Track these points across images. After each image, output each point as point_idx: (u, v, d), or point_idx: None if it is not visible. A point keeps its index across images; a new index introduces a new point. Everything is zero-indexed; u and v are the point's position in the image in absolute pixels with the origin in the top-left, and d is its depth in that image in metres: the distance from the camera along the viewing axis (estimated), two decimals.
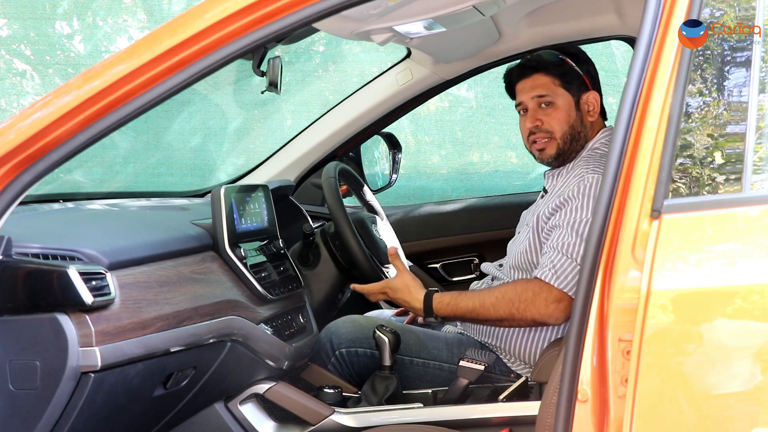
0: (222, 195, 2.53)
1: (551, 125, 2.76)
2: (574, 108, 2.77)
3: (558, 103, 2.76)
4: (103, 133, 1.87)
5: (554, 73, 2.78)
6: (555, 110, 2.76)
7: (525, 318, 2.60)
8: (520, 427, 2.50)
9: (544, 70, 2.78)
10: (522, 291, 2.60)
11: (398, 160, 3.67)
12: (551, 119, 2.76)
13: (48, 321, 1.99)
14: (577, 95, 2.78)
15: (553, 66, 2.78)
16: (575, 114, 2.77)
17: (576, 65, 2.79)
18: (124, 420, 2.28)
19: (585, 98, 2.78)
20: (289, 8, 1.80)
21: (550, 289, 2.56)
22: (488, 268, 2.96)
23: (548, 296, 2.56)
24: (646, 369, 1.56)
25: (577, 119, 2.77)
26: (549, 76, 2.78)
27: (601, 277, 1.62)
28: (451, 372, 2.75)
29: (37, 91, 5.12)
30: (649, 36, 1.65)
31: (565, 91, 2.77)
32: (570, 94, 2.78)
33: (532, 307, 2.57)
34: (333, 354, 2.86)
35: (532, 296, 2.58)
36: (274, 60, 2.23)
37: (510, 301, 2.61)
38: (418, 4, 2.31)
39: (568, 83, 2.77)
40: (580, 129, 2.78)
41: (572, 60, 2.79)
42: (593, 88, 2.80)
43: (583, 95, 2.79)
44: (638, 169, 1.63)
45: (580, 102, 2.78)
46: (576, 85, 2.78)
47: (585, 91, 2.79)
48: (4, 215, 1.88)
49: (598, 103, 2.80)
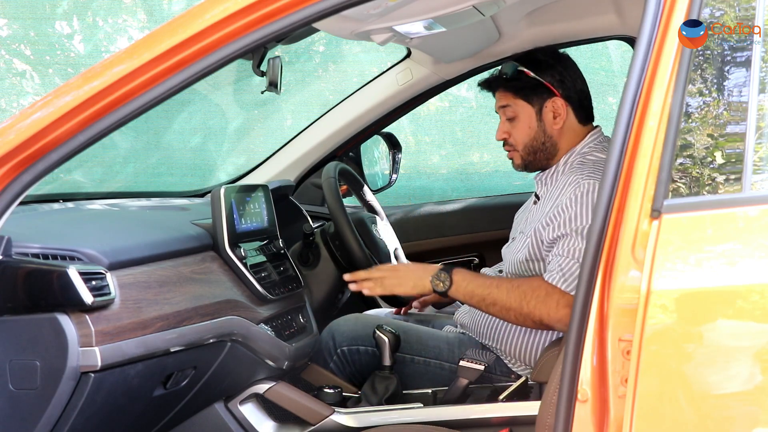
0: (222, 195, 2.53)
1: (515, 139, 2.82)
2: (535, 119, 2.78)
3: (519, 116, 2.80)
4: (103, 133, 1.87)
5: (510, 87, 2.80)
6: (517, 123, 2.80)
7: (533, 315, 2.55)
8: (520, 427, 2.50)
9: (503, 85, 2.81)
10: (537, 287, 2.56)
11: (398, 160, 3.67)
12: (515, 132, 2.81)
13: (48, 321, 1.99)
14: (540, 103, 2.78)
15: (509, 80, 2.79)
16: (537, 124, 2.78)
17: (538, 73, 2.77)
18: (124, 420, 2.28)
19: (548, 106, 2.77)
20: (289, 8, 1.80)
21: (562, 293, 2.53)
22: (488, 273, 2.95)
23: (560, 299, 2.52)
24: (646, 369, 1.56)
25: (539, 130, 2.78)
26: (507, 91, 2.81)
27: (601, 277, 1.62)
28: (451, 371, 2.75)
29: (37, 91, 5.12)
30: (649, 36, 1.65)
31: (525, 102, 2.79)
32: (530, 104, 2.78)
33: (542, 305, 2.53)
34: (335, 352, 2.86)
35: (545, 295, 2.53)
36: (274, 60, 2.23)
37: (522, 293, 2.56)
38: (418, 4, 2.31)
39: (526, 96, 2.78)
40: (544, 139, 2.79)
41: (535, 68, 2.78)
42: (562, 93, 2.77)
43: (547, 102, 2.77)
44: (638, 169, 1.63)
45: (543, 111, 2.78)
46: (537, 95, 2.77)
47: (549, 97, 2.77)
48: (4, 215, 1.88)
49: (564, 107, 2.77)
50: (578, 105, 2.80)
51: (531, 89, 2.78)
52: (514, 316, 2.58)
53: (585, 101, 2.83)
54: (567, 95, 2.78)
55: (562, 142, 2.79)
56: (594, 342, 1.61)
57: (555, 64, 2.81)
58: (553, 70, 2.80)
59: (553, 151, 2.80)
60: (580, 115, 2.81)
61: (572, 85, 2.80)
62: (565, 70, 2.81)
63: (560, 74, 2.80)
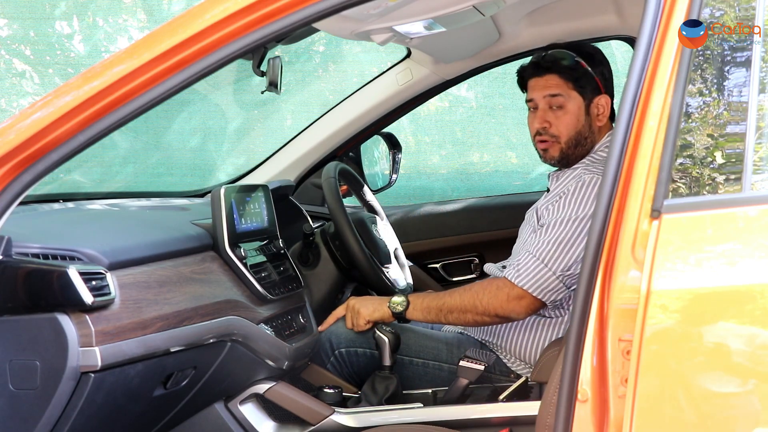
0: (222, 195, 2.53)
1: (558, 129, 2.75)
2: (583, 112, 2.75)
3: (568, 106, 2.74)
4: (103, 133, 1.87)
5: (568, 75, 2.74)
6: (564, 113, 2.74)
7: (488, 311, 2.66)
8: (520, 427, 2.50)
9: (558, 71, 2.75)
10: (487, 284, 2.68)
11: (398, 160, 3.67)
12: (559, 123, 2.74)
13: (48, 321, 1.99)
14: (589, 98, 2.76)
15: (568, 68, 2.74)
16: (584, 118, 2.75)
17: (591, 67, 2.76)
18: (124, 420, 2.28)
19: (596, 102, 2.76)
20: (289, 8, 1.80)
21: (512, 286, 2.63)
22: (491, 269, 2.96)
23: (510, 292, 2.64)
24: (646, 369, 1.56)
25: (585, 124, 2.75)
26: (562, 78, 2.75)
27: (601, 277, 1.62)
28: (451, 372, 2.76)
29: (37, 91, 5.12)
30: (649, 36, 1.65)
31: (578, 94, 2.75)
32: (582, 97, 2.75)
33: (494, 300, 2.65)
34: (332, 354, 2.86)
35: (495, 290, 2.65)
36: (274, 60, 2.23)
37: (475, 293, 2.68)
38: (418, 4, 2.31)
39: (581, 86, 2.75)
40: (587, 134, 2.76)
41: (587, 61, 2.76)
42: (606, 91, 2.78)
43: (595, 98, 2.76)
44: (638, 169, 1.63)
45: (591, 105, 2.76)
46: (589, 89, 2.76)
47: (597, 94, 2.77)
48: (4, 215, 1.88)
49: (608, 106, 2.78)
50: (612, 106, 2.81)
51: (586, 81, 2.75)
52: (472, 317, 2.70)
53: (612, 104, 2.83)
54: (610, 94, 2.79)
55: (596, 140, 2.78)
56: (594, 342, 1.61)
57: (604, 61, 2.81)
58: (603, 66, 2.79)
59: (590, 148, 2.77)
60: (612, 114, 2.81)
61: (611, 84, 2.81)
62: (607, 69, 2.81)
63: (608, 72, 2.80)
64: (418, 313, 2.76)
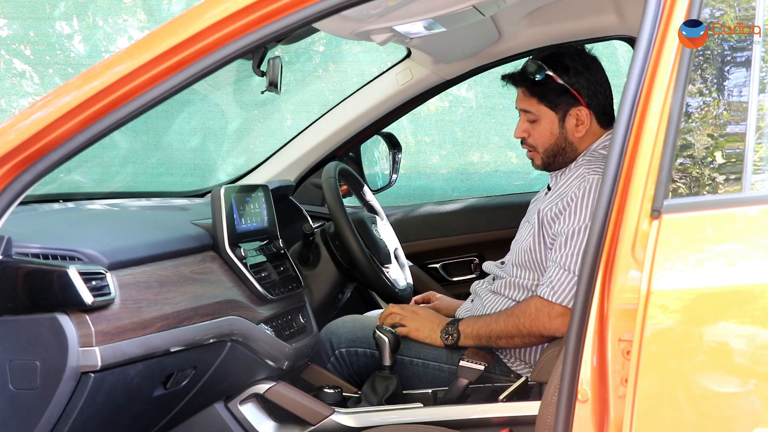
0: (222, 195, 2.53)
1: (535, 141, 2.77)
2: (557, 125, 2.74)
3: (540, 121, 2.75)
4: (103, 133, 1.87)
5: (535, 91, 2.74)
6: (538, 126, 2.76)
7: (533, 333, 2.64)
8: (520, 427, 2.50)
9: (526, 86, 2.76)
10: (525, 307, 2.65)
11: (398, 160, 3.67)
12: (535, 134, 2.77)
13: (48, 321, 1.99)
14: (564, 111, 2.74)
15: (536, 84, 2.73)
16: (558, 131, 2.74)
17: (566, 79, 2.72)
18: (124, 420, 2.28)
19: (573, 113, 2.73)
20: (289, 8, 1.80)
21: (551, 305, 2.60)
22: (489, 267, 2.96)
23: (551, 311, 2.61)
24: (646, 369, 1.56)
25: (560, 136, 2.75)
26: (530, 94, 2.75)
27: (601, 277, 1.62)
28: (451, 372, 2.75)
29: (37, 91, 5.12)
30: (649, 36, 1.65)
31: (548, 108, 2.74)
32: (554, 111, 2.74)
33: (536, 322, 2.62)
34: (332, 354, 2.86)
35: (535, 312, 2.63)
36: (274, 60, 2.22)
37: (516, 317, 2.66)
38: (418, 4, 2.31)
39: (550, 101, 2.73)
40: (565, 145, 2.75)
41: (562, 73, 2.72)
42: (587, 101, 2.73)
43: (571, 110, 2.73)
44: (638, 169, 1.63)
45: (566, 117, 2.74)
46: (562, 102, 2.73)
47: (574, 105, 2.73)
48: (4, 215, 1.88)
49: (588, 117, 2.73)
50: (601, 113, 2.77)
51: (557, 95, 2.73)
52: (520, 341, 2.69)
53: (608, 108, 2.78)
54: (591, 103, 2.74)
55: (582, 146, 2.77)
56: (594, 342, 1.61)
57: (583, 70, 2.74)
58: (580, 76, 2.73)
59: (572, 155, 2.77)
60: (603, 121, 2.78)
61: (597, 92, 2.75)
62: (592, 76, 2.75)
63: (588, 81, 2.74)
64: (470, 341, 2.75)
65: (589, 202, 2.61)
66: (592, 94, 2.74)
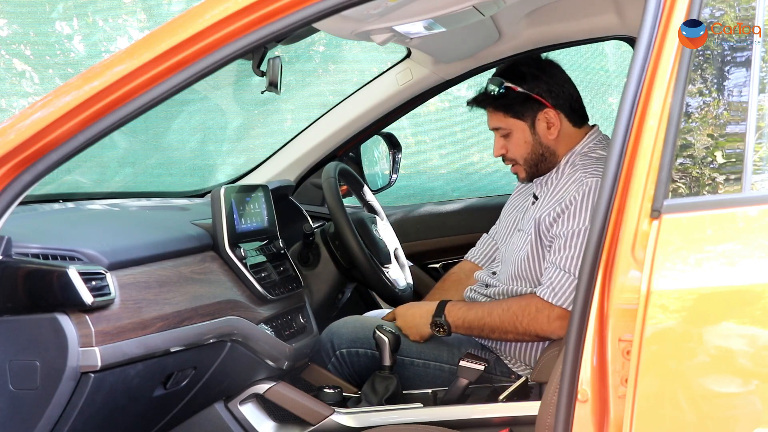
0: (222, 195, 2.53)
1: (513, 154, 2.81)
2: (529, 132, 2.77)
3: (512, 134, 2.78)
4: (103, 133, 1.87)
5: (499, 106, 2.78)
6: (512, 140, 2.79)
7: (528, 332, 2.65)
8: (520, 427, 2.50)
9: (490, 104, 2.79)
10: (526, 305, 2.65)
11: (398, 160, 3.67)
12: (511, 148, 2.80)
13: (48, 321, 1.99)
14: (532, 118, 2.76)
15: (497, 99, 2.77)
16: (532, 138, 2.77)
17: (525, 87, 2.75)
18: (124, 420, 2.28)
19: (541, 117, 2.76)
20: (289, 8, 1.80)
21: (551, 307, 2.61)
22: (480, 276, 2.96)
23: (550, 314, 2.61)
24: (646, 369, 1.56)
25: (535, 143, 2.78)
26: (496, 111, 2.79)
27: (601, 277, 1.62)
28: (451, 373, 2.75)
29: (37, 91, 5.12)
30: (649, 36, 1.65)
31: (516, 119, 2.77)
32: (522, 120, 2.77)
33: (535, 323, 2.63)
34: (333, 354, 2.86)
35: (535, 312, 2.63)
36: (274, 60, 2.22)
37: (513, 314, 2.66)
38: (418, 4, 2.31)
39: (515, 112, 2.76)
40: (543, 150, 2.78)
41: (521, 82, 2.76)
42: (551, 102, 2.76)
43: (538, 114, 2.76)
44: (638, 169, 1.63)
45: (536, 123, 2.76)
46: (527, 109, 2.76)
47: (540, 109, 2.76)
48: (4, 215, 1.88)
49: (557, 117, 2.76)
50: (570, 110, 2.80)
51: (520, 104, 2.76)
52: (513, 336, 2.70)
53: (576, 104, 2.82)
54: (557, 104, 2.77)
55: (560, 148, 2.79)
56: (594, 342, 1.61)
57: (540, 74, 2.79)
58: (538, 81, 2.77)
59: (554, 159, 2.80)
60: (574, 118, 2.80)
61: (561, 92, 2.79)
62: (551, 78, 2.79)
63: (547, 84, 2.78)
64: (461, 331, 2.77)
65: (588, 205, 2.61)
66: (555, 95, 2.78)
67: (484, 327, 2.71)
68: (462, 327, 2.74)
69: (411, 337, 2.82)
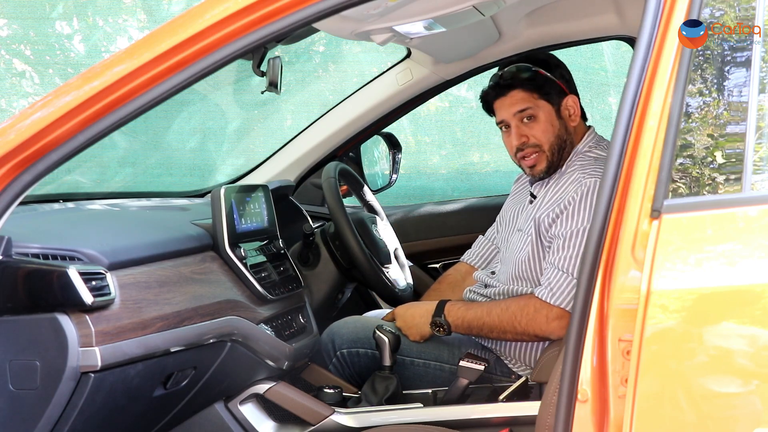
0: (222, 195, 2.53)
1: (538, 138, 2.76)
2: (556, 117, 2.77)
3: (540, 116, 2.76)
4: (103, 133, 1.87)
5: (531, 87, 2.76)
6: (538, 123, 2.76)
7: (527, 332, 2.65)
8: (520, 427, 2.50)
9: (520, 85, 2.77)
10: (525, 305, 2.65)
11: (398, 160, 3.67)
12: (537, 132, 2.76)
13: (48, 321, 1.99)
14: (557, 103, 2.77)
15: (528, 80, 2.76)
16: (558, 123, 2.77)
17: (549, 72, 2.78)
18: (124, 420, 2.28)
19: (564, 104, 2.78)
20: (289, 8, 1.80)
21: (549, 307, 2.61)
22: (479, 276, 2.96)
23: (549, 314, 2.61)
24: (646, 369, 1.56)
25: (561, 127, 2.77)
26: (526, 91, 2.76)
27: (601, 277, 1.62)
28: (451, 373, 2.76)
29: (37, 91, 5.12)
30: (649, 36, 1.65)
31: (545, 101, 2.76)
32: (550, 103, 2.77)
33: (533, 323, 2.63)
34: (334, 354, 2.86)
35: (533, 312, 2.63)
36: (274, 60, 2.23)
37: (512, 314, 2.66)
38: (418, 4, 2.31)
39: (546, 93, 2.76)
40: (566, 137, 2.78)
41: (544, 68, 2.78)
42: (570, 92, 2.80)
43: (563, 101, 2.78)
44: (638, 169, 1.63)
45: (561, 109, 2.78)
46: (554, 94, 2.77)
47: (563, 96, 2.78)
48: (4, 215, 1.88)
49: (577, 106, 2.79)
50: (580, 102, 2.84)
51: (550, 87, 2.77)
52: (511, 336, 2.70)
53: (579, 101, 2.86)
54: (573, 91, 2.82)
55: (575, 141, 2.80)
56: (594, 342, 1.61)
57: (559, 62, 2.84)
58: (560, 69, 2.82)
59: (569, 150, 2.79)
60: (582, 114, 2.84)
61: (572, 83, 2.85)
62: (564, 70, 2.85)
63: (567, 73, 2.83)
64: (461, 331, 2.78)
65: (587, 205, 2.61)
66: (572, 85, 2.84)
67: (483, 326, 2.71)
68: (462, 326, 2.75)
69: (411, 337, 2.82)
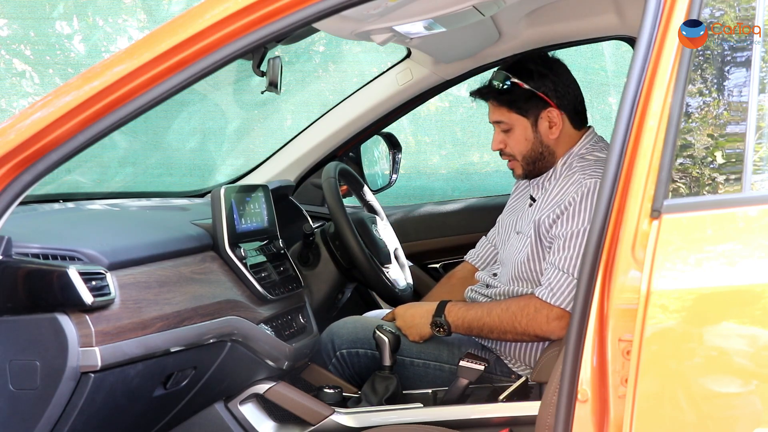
0: (222, 195, 2.53)
1: (512, 149, 2.80)
2: (531, 130, 2.76)
3: (514, 129, 2.77)
4: (103, 133, 1.87)
5: (503, 101, 2.76)
6: (512, 135, 2.78)
7: (527, 332, 2.65)
8: (520, 427, 2.50)
9: (494, 98, 2.78)
10: (525, 305, 2.65)
11: (398, 160, 3.67)
12: (511, 143, 2.79)
13: (48, 321, 1.99)
14: (535, 116, 2.76)
15: (502, 94, 2.75)
16: (533, 136, 2.77)
17: (531, 84, 2.74)
18: (124, 420, 2.28)
19: (544, 116, 2.75)
20: (289, 8, 1.80)
21: (549, 307, 2.61)
22: (481, 276, 2.96)
23: (549, 314, 2.61)
24: (646, 369, 1.56)
25: (536, 141, 2.77)
26: (499, 104, 2.78)
27: (601, 277, 1.62)
28: (451, 373, 2.76)
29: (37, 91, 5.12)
30: (649, 36, 1.65)
31: (519, 115, 2.76)
32: (524, 117, 2.76)
33: (533, 323, 2.63)
34: (334, 355, 2.86)
35: (534, 312, 2.63)
36: (274, 60, 2.23)
37: (512, 314, 2.66)
38: (418, 4, 2.31)
39: (519, 108, 2.75)
40: (542, 149, 2.77)
41: (527, 78, 2.75)
42: (556, 102, 2.75)
43: (542, 113, 2.75)
44: (638, 169, 1.63)
45: (538, 122, 2.76)
46: (531, 107, 2.75)
47: (544, 108, 2.75)
48: (4, 215, 1.88)
49: (560, 117, 2.76)
50: (573, 112, 2.79)
51: (525, 101, 2.75)
52: (511, 336, 2.70)
53: (579, 106, 2.81)
54: (561, 104, 2.77)
55: (558, 149, 2.79)
56: (594, 342, 1.61)
57: (548, 73, 2.78)
58: (546, 79, 2.76)
59: (552, 159, 2.79)
60: (576, 121, 2.80)
61: (566, 93, 2.78)
62: (557, 77, 2.78)
63: (553, 83, 2.77)
64: (461, 331, 2.77)
65: (587, 206, 2.61)
66: (560, 95, 2.77)
67: (484, 327, 2.71)
68: (462, 327, 2.75)
69: (411, 337, 2.82)
